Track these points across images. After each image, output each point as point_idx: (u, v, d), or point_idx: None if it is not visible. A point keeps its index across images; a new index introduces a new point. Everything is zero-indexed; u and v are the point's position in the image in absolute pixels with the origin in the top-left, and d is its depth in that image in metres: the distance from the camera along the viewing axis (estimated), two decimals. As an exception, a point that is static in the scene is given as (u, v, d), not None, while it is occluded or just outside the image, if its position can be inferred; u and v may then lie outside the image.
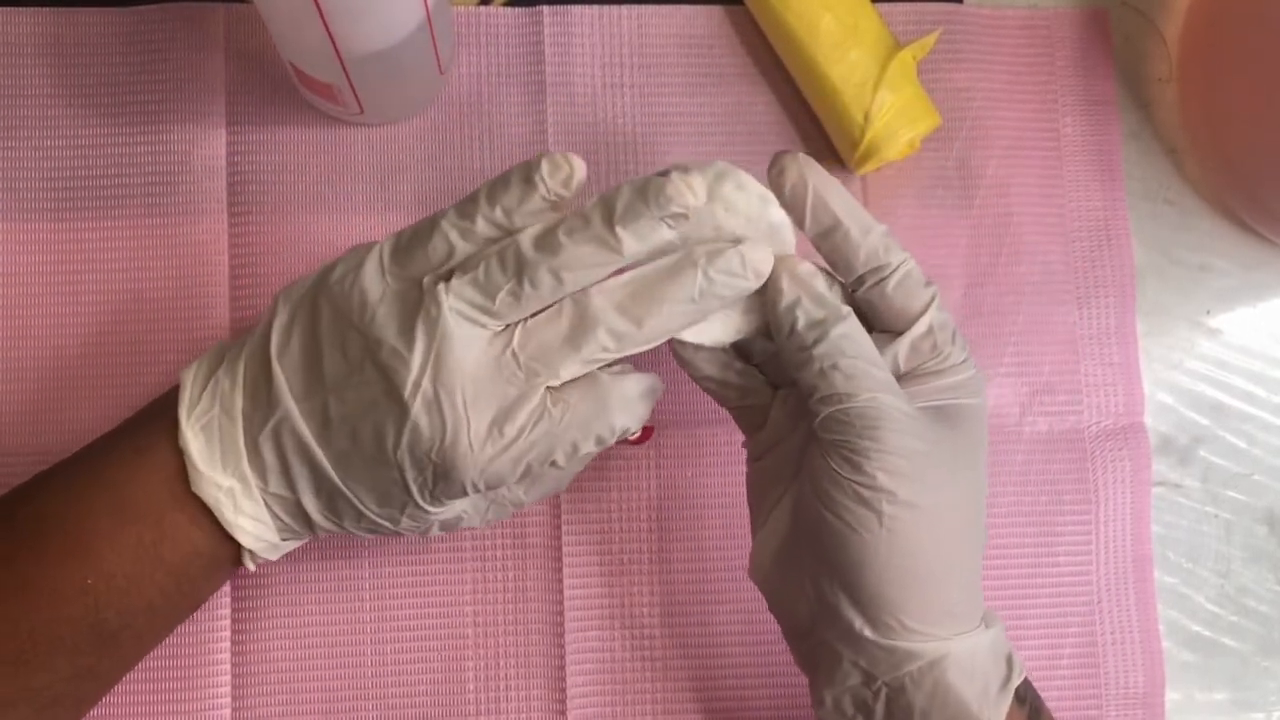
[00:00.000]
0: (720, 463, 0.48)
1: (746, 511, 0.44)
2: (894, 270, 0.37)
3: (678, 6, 0.50)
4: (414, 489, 0.36)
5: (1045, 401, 0.49)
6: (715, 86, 0.50)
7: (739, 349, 0.40)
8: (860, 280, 0.37)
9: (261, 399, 0.37)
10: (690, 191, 0.35)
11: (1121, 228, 0.51)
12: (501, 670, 0.46)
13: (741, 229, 0.36)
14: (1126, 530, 0.49)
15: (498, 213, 0.36)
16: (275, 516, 0.38)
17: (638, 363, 0.38)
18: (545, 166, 0.35)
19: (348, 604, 0.46)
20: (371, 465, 0.36)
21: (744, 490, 0.41)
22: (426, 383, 0.35)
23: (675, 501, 0.47)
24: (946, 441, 0.36)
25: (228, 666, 0.45)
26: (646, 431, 0.47)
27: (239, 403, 0.37)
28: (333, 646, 0.45)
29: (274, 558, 0.40)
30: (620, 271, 0.36)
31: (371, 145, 0.48)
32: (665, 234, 0.35)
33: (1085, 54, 0.52)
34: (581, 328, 0.35)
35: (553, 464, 0.37)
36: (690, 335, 0.38)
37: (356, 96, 0.45)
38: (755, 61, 0.50)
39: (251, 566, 0.39)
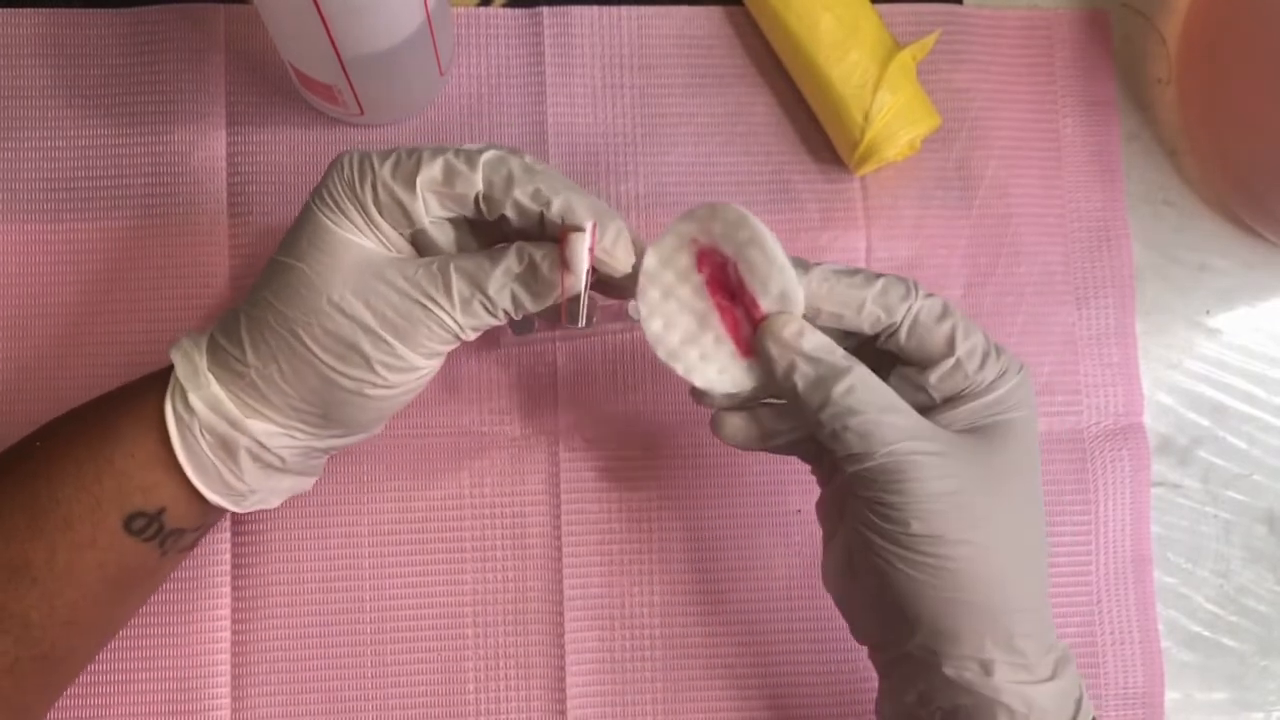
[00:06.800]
0: (720, 463, 0.48)
1: (746, 511, 0.43)
2: (900, 324, 0.36)
3: (678, 6, 0.50)
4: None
5: (1045, 401, 0.49)
6: (715, 86, 0.50)
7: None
8: (874, 338, 0.37)
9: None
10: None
11: (1121, 228, 0.51)
12: (501, 670, 0.46)
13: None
14: (1126, 530, 0.49)
15: None
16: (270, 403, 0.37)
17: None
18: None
19: (348, 604, 0.46)
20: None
21: (744, 490, 0.41)
22: None
23: (675, 501, 0.47)
24: (988, 463, 0.35)
25: (228, 667, 0.45)
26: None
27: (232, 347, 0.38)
28: (333, 646, 0.45)
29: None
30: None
31: (371, 146, 0.48)
32: None
33: (1085, 55, 0.52)
34: None
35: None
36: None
37: (356, 97, 0.45)
38: (755, 61, 0.50)
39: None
